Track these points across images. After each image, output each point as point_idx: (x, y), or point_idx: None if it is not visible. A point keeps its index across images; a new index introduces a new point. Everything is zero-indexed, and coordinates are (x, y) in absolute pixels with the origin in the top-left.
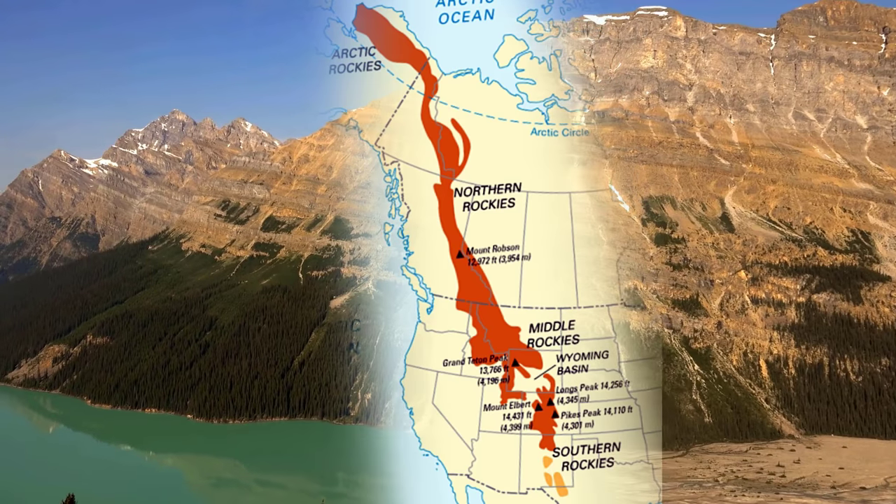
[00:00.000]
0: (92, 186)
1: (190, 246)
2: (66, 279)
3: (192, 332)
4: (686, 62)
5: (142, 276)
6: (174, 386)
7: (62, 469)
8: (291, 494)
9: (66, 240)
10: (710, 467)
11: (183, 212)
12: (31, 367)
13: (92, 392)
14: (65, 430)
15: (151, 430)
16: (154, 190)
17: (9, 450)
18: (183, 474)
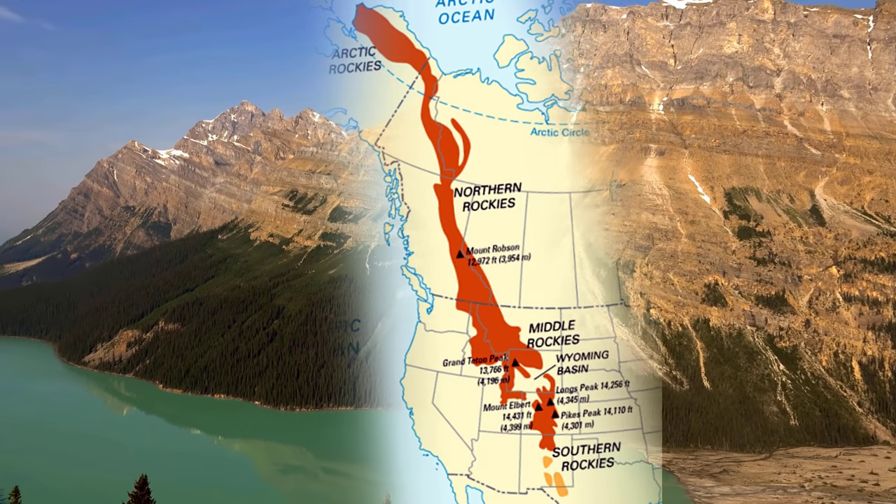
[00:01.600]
0: (164, 176)
1: (258, 235)
2: (139, 266)
3: (260, 320)
4: (774, 46)
5: (211, 264)
6: (242, 373)
7: (135, 451)
8: (357, 484)
9: (139, 228)
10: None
11: (251, 202)
12: (106, 351)
13: (163, 377)
14: (138, 413)
15: (220, 415)
16: (223, 180)
17: (85, 431)
18: (251, 460)
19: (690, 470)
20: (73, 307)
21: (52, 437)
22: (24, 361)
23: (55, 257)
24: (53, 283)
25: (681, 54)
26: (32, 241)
